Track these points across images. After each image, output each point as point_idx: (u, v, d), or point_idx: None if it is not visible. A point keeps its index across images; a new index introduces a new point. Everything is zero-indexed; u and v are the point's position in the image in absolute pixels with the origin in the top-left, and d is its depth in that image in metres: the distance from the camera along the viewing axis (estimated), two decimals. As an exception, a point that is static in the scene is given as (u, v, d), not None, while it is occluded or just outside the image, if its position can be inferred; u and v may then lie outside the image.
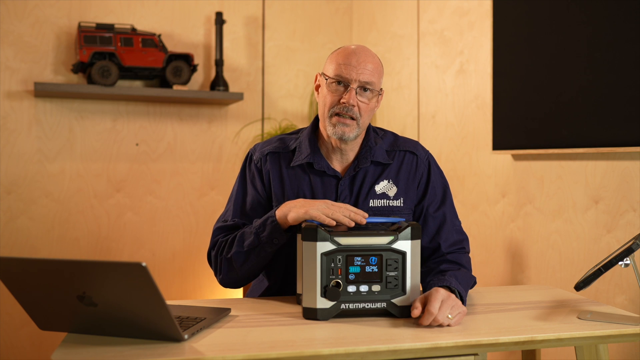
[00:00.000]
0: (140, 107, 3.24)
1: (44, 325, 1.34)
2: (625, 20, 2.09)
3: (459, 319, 1.41)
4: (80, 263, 1.21)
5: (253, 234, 1.60)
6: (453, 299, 1.41)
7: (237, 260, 1.63)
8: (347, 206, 1.53)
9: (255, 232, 1.60)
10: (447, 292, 1.42)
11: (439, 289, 1.42)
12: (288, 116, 3.49)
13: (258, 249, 1.60)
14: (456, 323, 1.40)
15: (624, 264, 1.43)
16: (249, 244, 1.61)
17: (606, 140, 2.15)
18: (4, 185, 3.03)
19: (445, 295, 1.40)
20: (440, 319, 1.38)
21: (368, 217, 1.54)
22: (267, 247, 1.60)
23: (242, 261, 1.63)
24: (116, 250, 3.21)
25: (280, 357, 1.21)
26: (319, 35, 3.57)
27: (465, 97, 2.84)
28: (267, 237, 1.58)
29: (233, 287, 1.72)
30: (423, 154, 1.78)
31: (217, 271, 1.70)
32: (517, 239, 2.59)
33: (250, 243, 1.61)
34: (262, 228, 1.59)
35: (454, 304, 1.41)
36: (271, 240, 1.59)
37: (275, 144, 1.77)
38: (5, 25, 3.03)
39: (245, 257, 1.62)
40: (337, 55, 1.67)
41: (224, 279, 1.69)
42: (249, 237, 1.61)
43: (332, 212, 1.50)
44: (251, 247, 1.61)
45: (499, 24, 2.58)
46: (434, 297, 1.39)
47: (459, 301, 1.43)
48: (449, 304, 1.39)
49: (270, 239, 1.58)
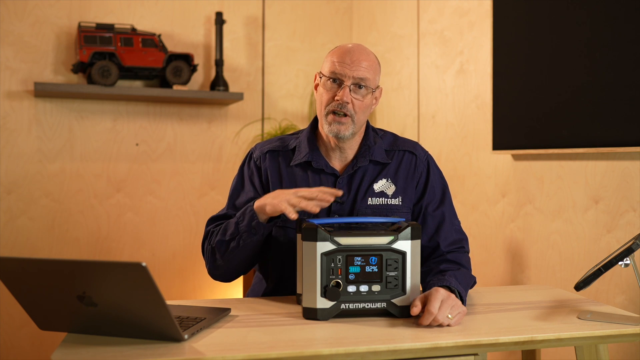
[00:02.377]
0: (140, 107, 3.24)
1: (44, 325, 1.34)
2: (625, 20, 2.09)
3: (459, 319, 1.41)
4: (80, 263, 1.21)
5: (234, 224, 1.63)
6: (453, 298, 1.41)
7: (220, 250, 1.65)
8: (319, 188, 1.54)
9: (235, 221, 1.63)
10: (447, 292, 1.42)
11: (439, 288, 1.42)
12: (288, 116, 3.49)
13: (238, 238, 1.62)
14: (456, 323, 1.40)
15: (624, 264, 1.43)
16: (231, 233, 1.63)
17: (606, 140, 2.15)
18: (4, 185, 3.03)
19: (445, 295, 1.41)
20: (440, 319, 1.38)
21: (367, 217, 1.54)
22: (245, 237, 1.61)
23: (223, 250, 1.65)
24: (116, 250, 3.21)
25: (280, 357, 1.21)
26: (319, 35, 3.57)
27: (465, 97, 2.84)
28: (245, 226, 1.60)
29: (221, 279, 1.73)
30: (422, 154, 1.79)
31: (206, 261, 1.72)
32: (517, 239, 2.59)
33: (231, 232, 1.63)
34: (241, 217, 1.62)
35: (454, 303, 1.41)
36: (249, 230, 1.59)
37: (276, 143, 1.79)
38: (5, 25, 3.03)
39: (226, 246, 1.64)
40: (333, 53, 1.69)
41: (210, 268, 1.71)
42: (231, 227, 1.64)
43: (298, 201, 1.51)
44: (232, 237, 1.63)
45: (499, 24, 2.58)
46: (434, 296, 1.39)
47: (458, 301, 1.43)
48: (448, 304, 1.39)
49: (248, 228, 1.60)
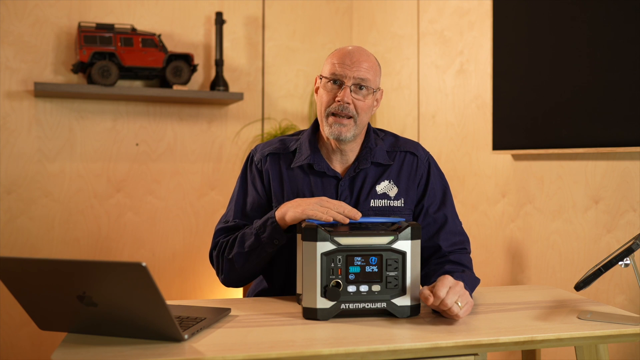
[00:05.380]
0: (140, 107, 3.24)
1: (44, 325, 1.34)
2: (625, 20, 2.09)
3: (467, 310, 1.41)
4: (80, 263, 1.21)
5: (254, 235, 1.62)
6: (461, 287, 1.42)
7: (238, 261, 1.65)
8: (341, 203, 1.54)
9: (255, 233, 1.62)
10: (455, 280, 1.42)
11: (447, 275, 1.43)
12: (288, 116, 3.49)
13: (259, 249, 1.62)
14: (464, 314, 1.40)
15: (624, 264, 1.43)
16: (250, 245, 1.62)
17: (606, 140, 2.15)
18: (4, 185, 3.03)
19: (453, 282, 1.41)
20: (449, 303, 1.37)
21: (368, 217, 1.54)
22: (267, 248, 1.61)
23: (243, 262, 1.65)
24: (116, 250, 3.21)
25: (280, 357, 1.21)
26: (319, 35, 3.57)
27: (465, 97, 2.84)
28: (267, 237, 1.60)
29: (235, 286, 1.74)
30: (423, 155, 1.79)
31: (219, 271, 1.72)
32: (517, 239, 2.59)
33: (251, 244, 1.62)
34: (262, 229, 1.61)
35: (462, 292, 1.41)
36: (271, 241, 1.60)
37: (276, 145, 1.78)
38: (5, 25, 3.03)
39: (246, 257, 1.64)
40: (333, 55, 1.69)
41: (225, 278, 1.72)
42: (250, 238, 1.63)
43: (326, 209, 1.51)
44: (252, 248, 1.62)
45: (499, 24, 2.58)
46: (442, 282, 1.40)
47: (467, 292, 1.43)
48: (456, 291, 1.40)
49: (271, 239, 1.60)
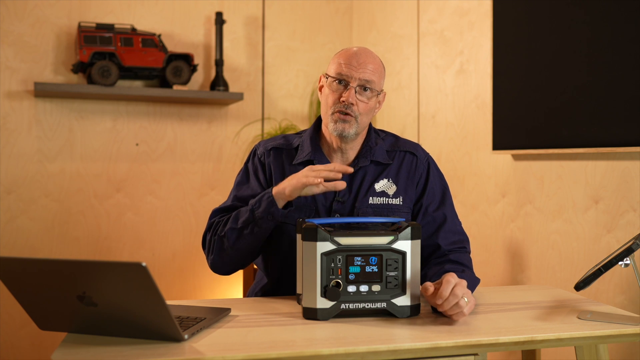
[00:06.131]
0: (140, 107, 3.24)
1: (44, 325, 1.34)
2: (625, 20, 2.09)
3: (471, 308, 1.42)
4: (80, 263, 1.21)
5: (248, 211, 1.64)
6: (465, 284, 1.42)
7: (230, 238, 1.65)
8: (328, 164, 1.60)
9: (250, 208, 1.64)
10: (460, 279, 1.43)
11: (452, 272, 1.44)
12: (288, 116, 3.49)
13: (252, 225, 1.63)
14: (468, 311, 1.41)
15: (624, 264, 1.43)
16: (244, 221, 1.64)
17: (606, 140, 2.15)
18: (4, 185, 3.03)
19: (458, 279, 1.42)
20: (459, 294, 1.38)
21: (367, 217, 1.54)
22: (261, 223, 1.62)
23: (234, 238, 1.65)
24: (116, 250, 3.21)
25: (280, 357, 1.21)
26: (319, 35, 3.57)
27: (465, 97, 2.84)
28: (262, 212, 1.61)
29: (222, 271, 1.74)
30: (423, 155, 1.80)
31: (209, 252, 1.72)
32: (517, 239, 2.59)
33: (245, 219, 1.64)
34: (257, 204, 1.63)
35: (466, 290, 1.42)
36: (266, 216, 1.61)
37: (280, 140, 1.81)
38: (5, 25, 3.03)
39: (238, 233, 1.65)
40: (339, 55, 1.71)
41: (214, 260, 1.71)
42: (245, 214, 1.65)
43: (317, 172, 1.57)
44: (245, 224, 1.63)
45: (499, 24, 2.58)
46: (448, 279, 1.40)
47: (469, 290, 1.44)
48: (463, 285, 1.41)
49: (266, 214, 1.61)
